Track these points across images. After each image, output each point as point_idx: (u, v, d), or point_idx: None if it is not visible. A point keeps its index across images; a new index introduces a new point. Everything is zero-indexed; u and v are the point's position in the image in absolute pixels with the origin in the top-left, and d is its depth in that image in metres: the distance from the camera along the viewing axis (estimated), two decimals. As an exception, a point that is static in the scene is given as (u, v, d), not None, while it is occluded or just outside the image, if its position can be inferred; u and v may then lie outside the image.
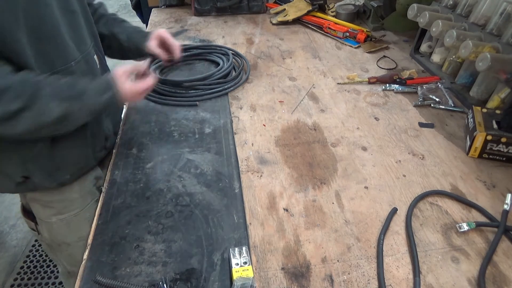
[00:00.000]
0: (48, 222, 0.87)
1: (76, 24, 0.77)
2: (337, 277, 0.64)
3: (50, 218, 0.87)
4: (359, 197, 0.79)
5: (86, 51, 0.79)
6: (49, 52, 0.70)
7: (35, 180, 0.78)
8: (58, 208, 0.86)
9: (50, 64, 0.71)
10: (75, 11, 0.77)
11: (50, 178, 0.80)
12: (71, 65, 0.74)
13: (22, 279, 1.64)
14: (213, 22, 1.59)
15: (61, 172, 0.80)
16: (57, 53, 0.71)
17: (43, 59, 0.69)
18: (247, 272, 0.61)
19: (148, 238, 0.70)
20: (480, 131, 0.85)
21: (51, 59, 0.71)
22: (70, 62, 0.74)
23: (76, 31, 0.77)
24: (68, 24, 0.74)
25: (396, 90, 1.12)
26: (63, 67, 0.73)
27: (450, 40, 1.02)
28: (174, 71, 1.21)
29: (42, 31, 0.68)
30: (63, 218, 0.87)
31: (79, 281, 0.63)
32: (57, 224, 0.87)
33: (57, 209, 0.86)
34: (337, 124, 0.99)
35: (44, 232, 0.91)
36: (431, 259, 0.66)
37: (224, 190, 0.79)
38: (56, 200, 0.85)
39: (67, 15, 0.74)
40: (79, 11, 0.79)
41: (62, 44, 0.72)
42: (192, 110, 1.04)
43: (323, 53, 1.34)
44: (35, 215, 0.90)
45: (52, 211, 0.86)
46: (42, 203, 0.86)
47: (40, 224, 0.90)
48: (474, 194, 0.79)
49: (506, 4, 0.96)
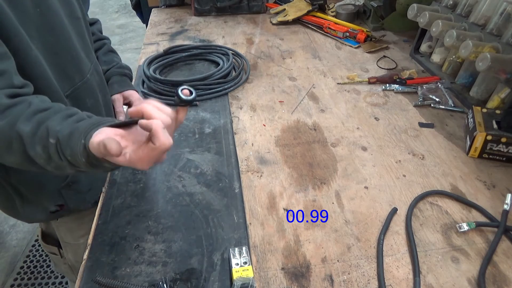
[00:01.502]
0: (76, 244, 0.84)
1: (82, 31, 0.73)
2: (337, 277, 0.64)
3: (78, 240, 0.84)
4: (359, 197, 0.79)
5: (94, 60, 0.75)
6: (67, 67, 0.66)
7: (70, 206, 0.76)
8: (87, 228, 0.83)
9: (71, 80, 0.66)
10: (79, 18, 0.73)
11: (84, 201, 0.77)
12: (88, 79, 0.70)
13: (22, 279, 1.64)
14: (213, 22, 1.59)
15: (94, 191, 0.76)
16: (74, 67, 0.67)
17: (63, 76, 0.65)
18: (247, 272, 0.61)
19: (148, 238, 0.70)
20: (480, 131, 0.85)
21: (70, 75, 0.66)
22: (86, 75, 0.70)
23: (83, 39, 0.73)
24: (77, 33, 0.70)
25: (396, 90, 1.12)
26: (81, 81, 0.68)
27: (450, 40, 1.02)
28: (174, 71, 1.22)
29: (57, 45, 0.63)
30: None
31: (79, 281, 0.63)
32: (84, 244, 0.85)
33: (85, 229, 0.83)
34: (337, 124, 0.99)
35: (69, 254, 0.88)
36: (431, 259, 0.66)
37: (224, 190, 0.79)
38: (87, 221, 0.82)
39: (74, 23, 0.70)
40: (81, 16, 0.75)
41: (76, 56, 0.68)
42: (192, 110, 1.04)
43: (323, 53, 1.34)
44: (61, 239, 0.86)
45: (81, 232, 0.84)
46: (70, 227, 0.83)
47: (64, 247, 0.87)
48: (474, 194, 0.79)
49: (506, 4, 0.95)
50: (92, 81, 0.72)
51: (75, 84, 0.68)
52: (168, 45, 1.37)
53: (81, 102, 0.71)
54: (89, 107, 0.73)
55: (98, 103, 0.77)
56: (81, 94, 0.70)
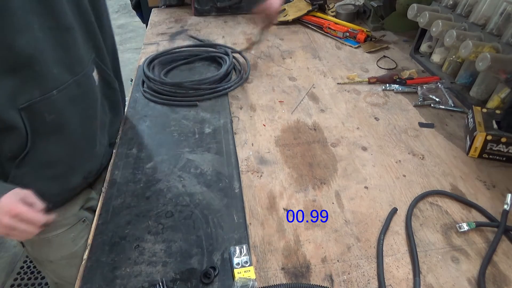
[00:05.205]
0: (31, 239, 0.82)
1: (69, 43, 0.70)
2: (337, 277, 0.64)
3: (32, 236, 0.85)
4: (359, 197, 0.79)
5: (81, 73, 0.73)
6: (28, 82, 0.64)
7: None
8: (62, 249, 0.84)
9: (28, 94, 0.65)
10: (69, 28, 0.69)
11: None
12: (52, 94, 0.67)
13: (22, 279, 1.64)
14: (213, 22, 1.58)
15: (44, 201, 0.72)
16: (34, 83, 0.65)
17: (21, 89, 0.63)
18: (249, 274, 0.61)
19: (148, 238, 0.70)
20: (480, 131, 0.85)
21: (29, 89, 0.65)
22: (51, 90, 0.67)
23: (69, 51, 0.70)
24: (57, 45, 0.67)
25: (396, 90, 1.12)
26: (41, 97, 0.66)
27: (450, 40, 1.02)
28: (174, 71, 1.21)
29: (16, 62, 0.61)
30: (45, 237, 0.83)
31: (79, 281, 0.63)
32: (39, 242, 0.84)
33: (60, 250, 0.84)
34: (337, 124, 0.99)
35: (28, 247, 0.88)
36: (431, 259, 0.66)
37: (224, 190, 0.79)
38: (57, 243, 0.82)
39: (57, 34, 0.67)
40: (77, 25, 0.72)
41: (41, 72, 0.65)
42: (192, 110, 1.04)
43: (323, 53, 1.34)
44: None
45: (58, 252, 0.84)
46: None
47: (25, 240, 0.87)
48: (474, 194, 0.79)
49: (506, 4, 0.95)
50: (60, 98, 0.69)
51: (34, 98, 0.65)
52: (168, 45, 1.38)
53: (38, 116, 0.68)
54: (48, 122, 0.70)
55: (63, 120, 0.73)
56: (40, 108, 0.68)
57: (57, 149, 0.74)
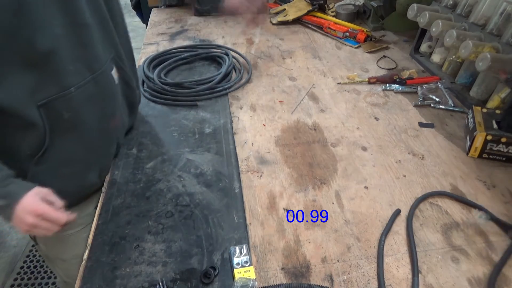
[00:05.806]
0: (45, 237, 0.84)
1: (86, 40, 0.70)
2: (337, 277, 0.64)
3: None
4: (359, 197, 0.79)
5: (99, 70, 0.73)
6: (46, 78, 0.64)
7: None
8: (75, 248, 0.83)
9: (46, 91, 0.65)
10: (87, 25, 0.69)
11: None
12: (70, 91, 0.68)
13: (22, 279, 1.64)
14: (213, 22, 1.58)
15: None
16: (53, 79, 0.65)
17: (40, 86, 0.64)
18: (249, 274, 0.61)
19: (148, 238, 0.70)
20: (480, 131, 0.85)
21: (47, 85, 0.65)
22: (68, 88, 0.67)
23: (86, 48, 0.70)
24: (75, 42, 0.67)
25: (396, 90, 1.12)
26: (59, 94, 0.66)
27: (450, 40, 1.02)
28: (174, 71, 1.21)
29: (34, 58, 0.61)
30: (59, 236, 0.81)
31: (79, 281, 0.63)
32: (53, 240, 0.84)
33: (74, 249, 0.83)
34: (337, 124, 0.99)
35: (41, 245, 0.88)
36: (431, 259, 0.66)
37: (224, 190, 0.79)
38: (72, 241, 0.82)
39: (76, 30, 0.67)
40: (94, 23, 0.71)
41: (59, 69, 0.65)
42: (192, 110, 1.04)
43: (323, 53, 1.34)
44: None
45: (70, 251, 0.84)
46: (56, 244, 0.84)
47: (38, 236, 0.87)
48: (474, 194, 0.79)
49: (506, 4, 0.95)
50: (78, 95, 0.69)
51: (50, 96, 0.66)
52: (168, 45, 1.38)
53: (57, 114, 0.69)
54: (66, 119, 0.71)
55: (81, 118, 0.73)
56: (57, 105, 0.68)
57: (75, 147, 0.75)
